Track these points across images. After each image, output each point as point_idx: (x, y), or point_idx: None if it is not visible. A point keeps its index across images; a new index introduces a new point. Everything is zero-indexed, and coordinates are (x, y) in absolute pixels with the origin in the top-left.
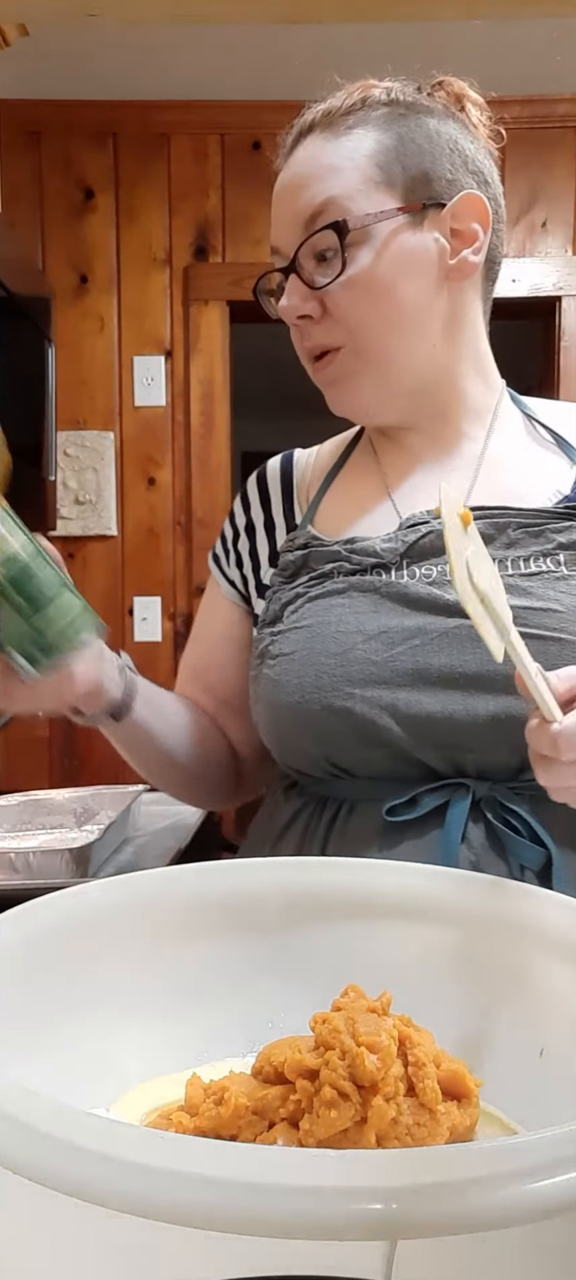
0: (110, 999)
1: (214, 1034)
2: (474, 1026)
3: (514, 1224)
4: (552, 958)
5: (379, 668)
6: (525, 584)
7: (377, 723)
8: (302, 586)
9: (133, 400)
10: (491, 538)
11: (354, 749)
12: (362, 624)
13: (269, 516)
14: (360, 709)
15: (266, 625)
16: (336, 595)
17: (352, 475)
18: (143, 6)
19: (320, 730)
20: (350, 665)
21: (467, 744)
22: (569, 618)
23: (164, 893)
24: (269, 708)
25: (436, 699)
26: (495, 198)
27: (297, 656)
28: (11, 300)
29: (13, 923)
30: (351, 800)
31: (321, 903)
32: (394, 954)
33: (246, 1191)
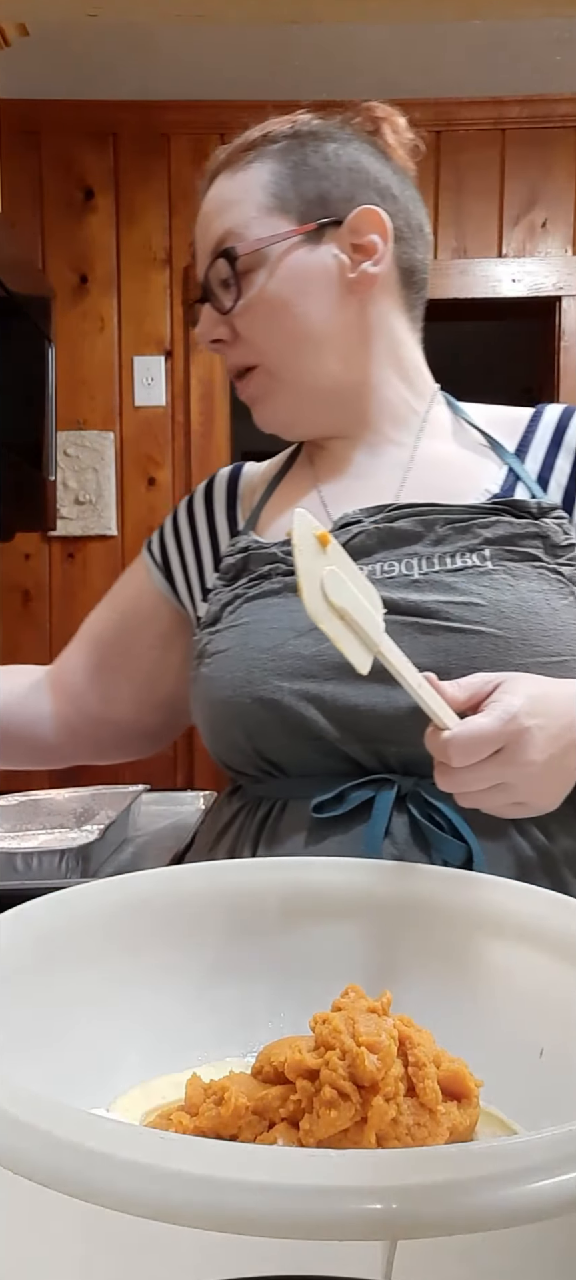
0: (110, 999)
1: (214, 1034)
2: (474, 1026)
3: (514, 1224)
4: (553, 958)
5: (307, 661)
6: (450, 579)
7: (304, 715)
8: (241, 588)
9: (133, 400)
10: (419, 535)
11: (283, 741)
12: (295, 621)
13: (212, 523)
14: (288, 701)
15: (206, 626)
16: (272, 595)
17: (291, 483)
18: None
19: (250, 723)
20: (280, 660)
21: (391, 736)
22: (489, 610)
23: (164, 893)
24: (204, 705)
25: (360, 691)
26: (403, 211)
27: (231, 653)
28: (11, 300)
29: (12, 923)
30: (283, 799)
31: (321, 903)
32: (394, 954)
33: (246, 1191)
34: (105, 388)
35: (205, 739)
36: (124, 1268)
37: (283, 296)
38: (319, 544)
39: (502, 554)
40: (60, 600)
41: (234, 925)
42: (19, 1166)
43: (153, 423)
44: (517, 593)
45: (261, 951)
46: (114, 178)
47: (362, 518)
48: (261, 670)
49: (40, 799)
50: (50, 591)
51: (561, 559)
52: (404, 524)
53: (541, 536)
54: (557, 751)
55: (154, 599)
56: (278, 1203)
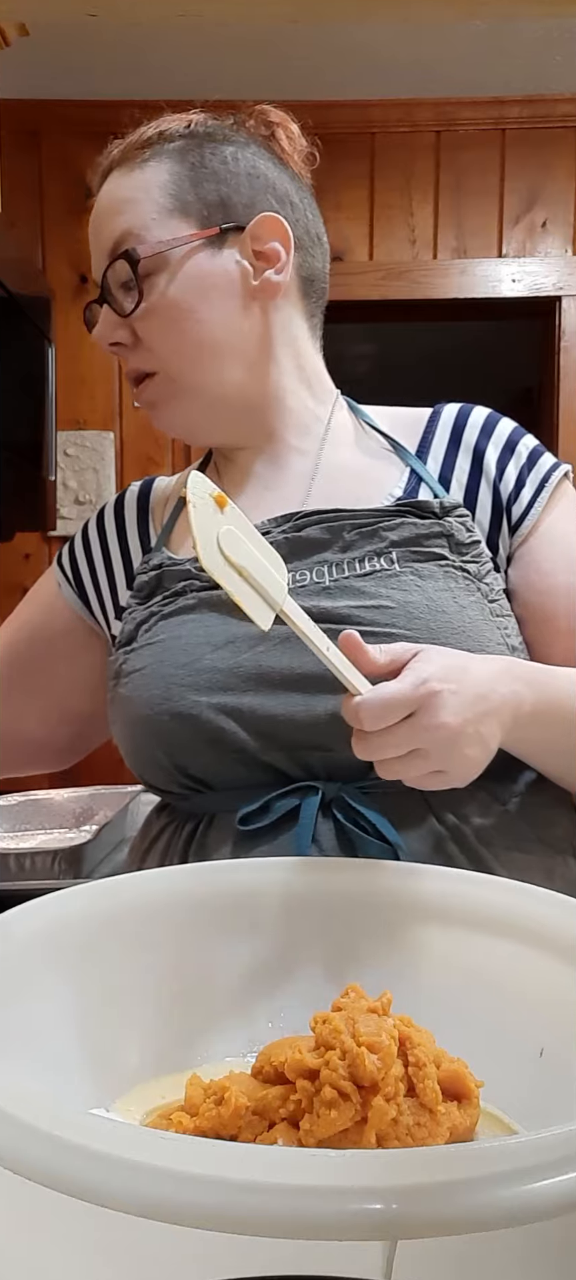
0: (110, 999)
1: (214, 1034)
2: (474, 1026)
3: (514, 1224)
4: (553, 958)
5: (224, 675)
6: (359, 584)
7: (224, 728)
8: (156, 605)
9: (133, 400)
10: (328, 542)
11: (203, 756)
12: (211, 635)
13: (124, 541)
14: (206, 715)
15: (121, 646)
16: (188, 612)
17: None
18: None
19: (169, 739)
20: (198, 675)
21: (311, 743)
22: (399, 612)
23: (164, 893)
24: (123, 725)
25: (278, 700)
26: (302, 219)
27: (148, 671)
28: (11, 300)
29: (12, 923)
30: (210, 813)
31: (321, 903)
32: (395, 954)
33: (246, 1191)
34: (105, 388)
35: (126, 758)
36: (124, 1268)
37: (185, 302)
38: (216, 504)
39: (409, 555)
40: None
41: (234, 925)
42: (19, 1166)
43: None
44: (425, 593)
45: (261, 951)
46: None
47: (271, 527)
48: (179, 686)
49: (40, 799)
50: None
51: (466, 556)
52: (312, 531)
53: (446, 535)
54: (472, 717)
55: (65, 615)
56: (278, 1203)
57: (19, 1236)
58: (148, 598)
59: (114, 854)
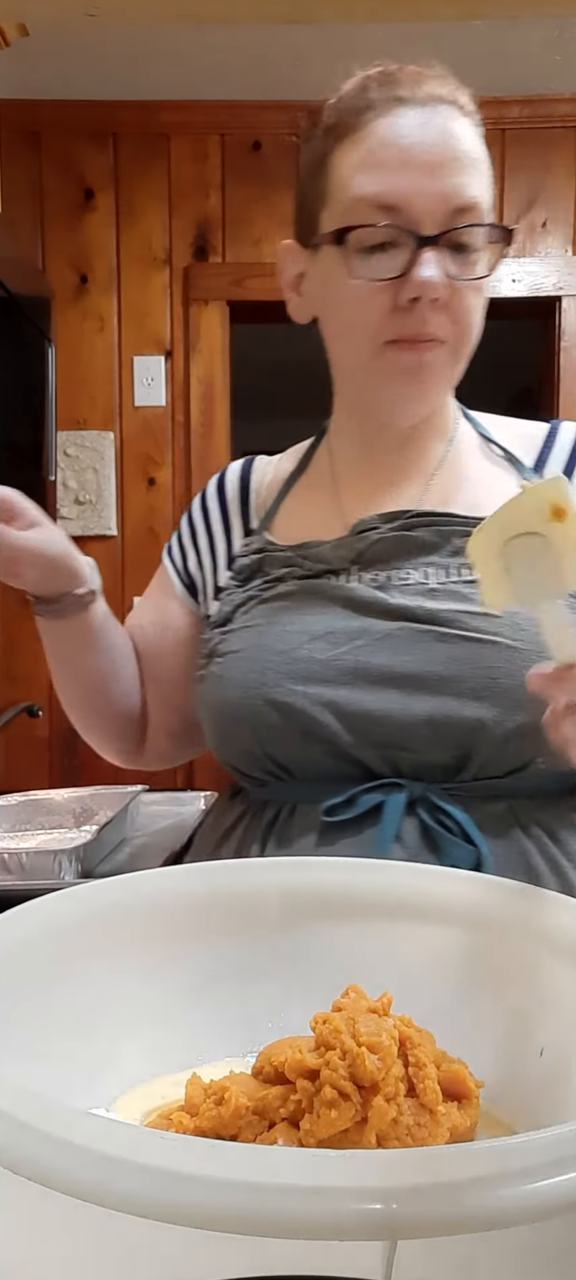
0: (110, 999)
1: (214, 1034)
2: (474, 1027)
3: (514, 1224)
4: (553, 957)
5: (321, 666)
6: (466, 590)
7: (318, 719)
8: (255, 590)
9: (133, 400)
10: (436, 545)
11: (294, 745)
12: (308, 625)
13: (226, 520)
14: (301, 704)
15: (216, 626)
16: (286, 598)
17: (308, 483)
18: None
19: (261, 725)
20: (294, 663)
21: (404, 743)
22: (505, 622)
23: (164, 893)
24: (213, 705)
25: (375, 697)
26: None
27: (244, 654)
28: (11, 300)
29: (11, 923)
30: (291, 802)
31: (321, 903)
32: (394, 954)
33: (246, 1191)
34: (105, 388)
35: (210, 739)
36: (124, 1268)
37: (486, 289)
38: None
39: None
40: None
41: (234, 925)
42: (19, 1166)
43: (153, 423)
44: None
45: (261, 951)
46: (114, 178)
47: (380, 524)
48: (275, 673)
49: (40, 799)
50: None
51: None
52: (421, 533)
53: None
54: None
55: (176, 606)
56: (278, 1202)
57: (19, 1236)
58: (247, 580)
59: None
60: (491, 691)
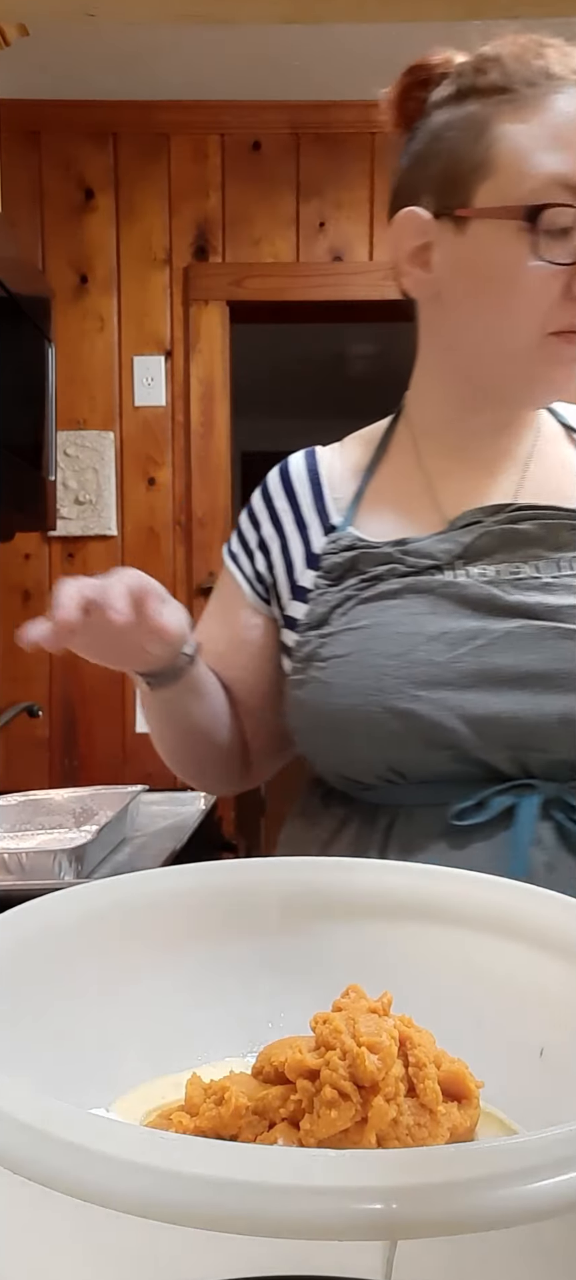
0: (110, 999)
1: (214, 1034)
2: (474, 1027)
3: (514, 1224)
4: (553, 958)
5: (442, 669)
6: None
7: (444, 724)
8: (352, 589)
9: (133, 400)
10: (542, 539)
11: (415, 751)
12: (421, 625)
13: (299, 515)
14: (426, 711)
15: (311, 628)
16: (391, 597)
17: (392, 474)
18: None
19: (380, 734)
20: (413, 666)
21: (535, 744)
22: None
23: (164, 893)
24: (317, 712)
25: (504, 700)
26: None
27: (353, 658)
28: (11, 300)
29: (11, 923)
30: (408, 805)
31: (321, 903)
32: (395, 954)
33: (246, 1191)
34: (105, 388)
35: (308, 746)
36: (124, 1268)
37: None
38: None
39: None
40: None
41: (234, 925)
42: (19, 1166)
43: (153, 423)
44: None
45: (261, 951)
46: (114, 178)
47: (483, 518)
48: (393, 678)
49: (40, 799)
50: (50, 591)
51: None
52: (526, 526)
53: None
54: None
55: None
56: (278, 1203)
57: (19, 1236)
58: (339, 579)
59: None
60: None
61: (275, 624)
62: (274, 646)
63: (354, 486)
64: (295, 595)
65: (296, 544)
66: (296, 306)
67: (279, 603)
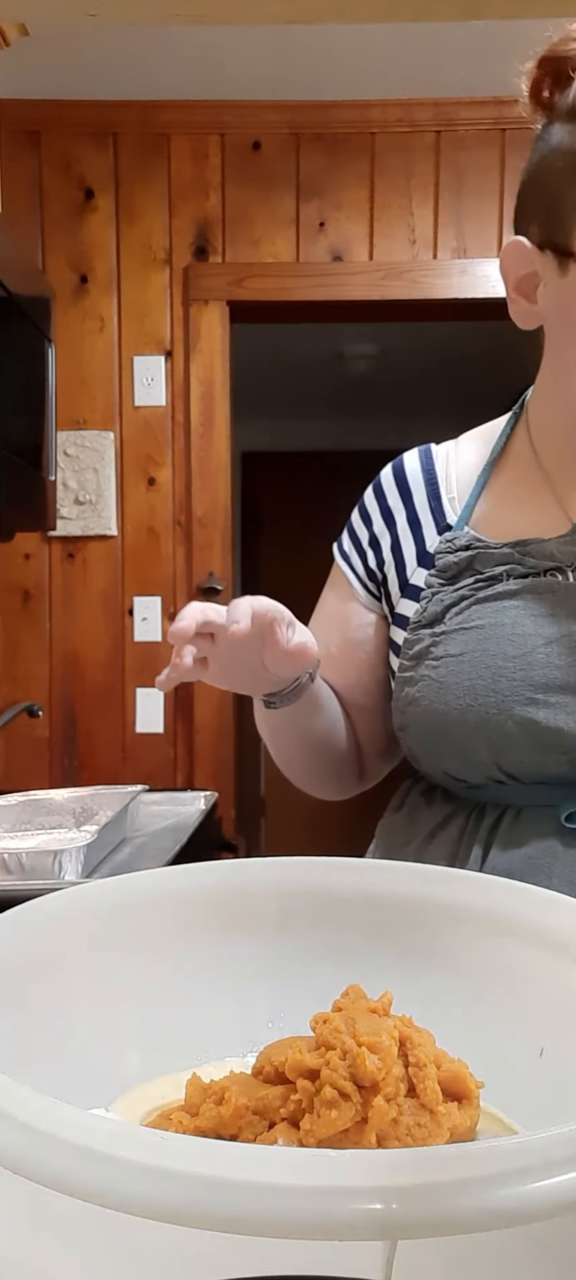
0: (110, 999)
1: (214, 1034)
2: (474, 1027)
3: (514, 1224)
4: (553, 958)
5: (564, 673)
6: None
7: (564, 729)
8: (467, 589)
9: (133, 400)
10: None
11: (530, 754)
12: (541, 627)
13: (412, 513)
14: (544, 715)
15: (423, 626)
16: (509, 598)
17: (511, 475)
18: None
19: (494, 736)
20: (531, 669)
21: None
22: None
23: (164, 893)
24: (428, 712)
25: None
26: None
27: (468, 658)
28: (11, 300)
29: (11, 923)
30: (516, 805)
31: (321, 903)
32: (395, 954)
33: (246, 1191)
34: (105, 388)
35: (418, 743)
36: (124, 1268)
37: None
38: None
39: None
40: (60, 600)
41: (234, 925)
42: (19, 1166)
43: (153, 423)
44: None
45: (261, 951)
46: (114, 178)
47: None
48: (509, 680)
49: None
50: (50, 591)
51: None
52: None
53: None
54: None
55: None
56: (278, 1203)
57: (19, 1236)
58: (455, 579)
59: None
60: None
61: (386, 622)
62: (387, 646)
63: (471, 485)
64: (405, 593)
65: (408, 542)
66: (296, 306)
67: (388, 600)
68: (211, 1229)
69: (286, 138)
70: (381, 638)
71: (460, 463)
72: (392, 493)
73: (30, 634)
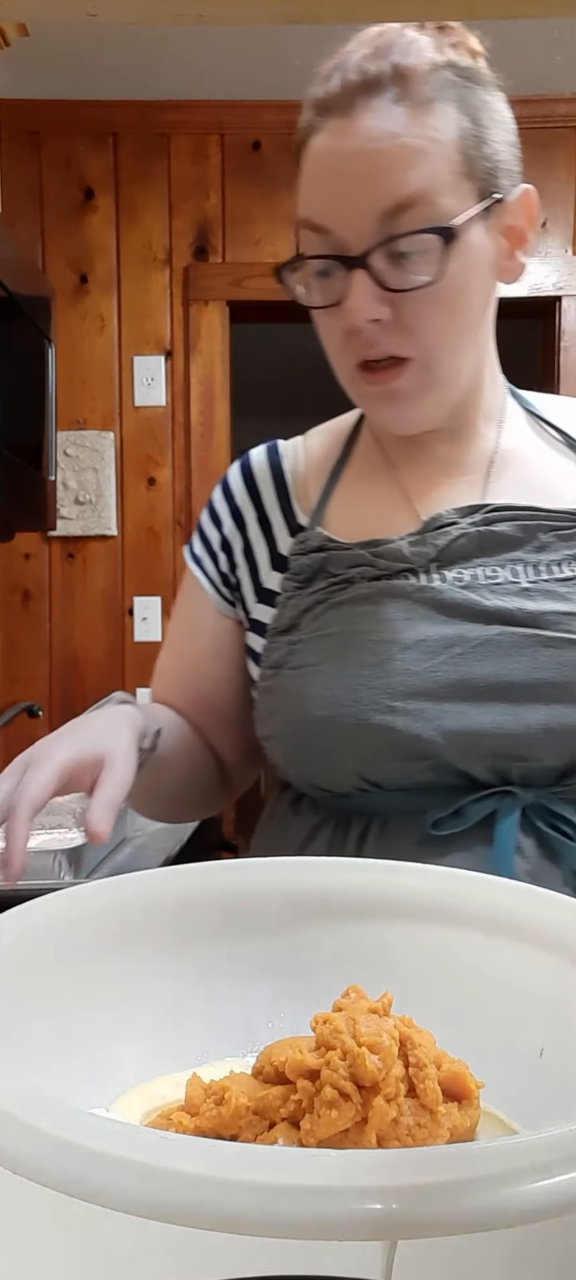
0: (110, 999)
1: (214, 1034)
2: (474, 1027)
3: (514, 1224)
4: (553, 958)
5: (420, 679)
6: (562, 589)
7: (422, 736)
8: (321, 593)
9: (133, 400)
10: (521, 540)
11: (392, 762)
12: (397, 632)
13: (262, 513)
14: (403, 723)
15: (280, 633)
16: (363, 602)
17: (360, 473)
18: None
19: (355, 745)
20: (389, 677)
21: (517, 754)
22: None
23: (163, 893)
24: (290, 721)
25: (485, 712)
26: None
27: (326, 667)
28: (11, 300)
29: (11, 923)
30: (383, 814)
31: (321, 903)
32: (395, 954)
33: (246, 1191)
34: (105, 388)
35: (281, 754)
36: (124, 1268)
37: (465, 286)
38: None
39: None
40: (60, 600)
41: (234, 925)
42: (19, 1166)
43: (153, 423)
44: None
45: (261, 951)
46: (114, 178)
47: (457, 518)
48: (368, 689)
49: None
50: (50, 591)
51: None
52: (504, 528)
53: None
54: None
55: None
56: (278, 1203)
57: (19, 1236)
58: (308, 582)
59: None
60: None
61: (242, 628)
62: (244, 654)
63: (321, 484)
64: (261, 598)
65: (260, 544)
66: (296, 306)
67: (244, 605)
68: (211, 1229)
69: (286, 138)
70: (239, 645)
71: (309, 459)
72: (241, 492)
73: (30, 634)
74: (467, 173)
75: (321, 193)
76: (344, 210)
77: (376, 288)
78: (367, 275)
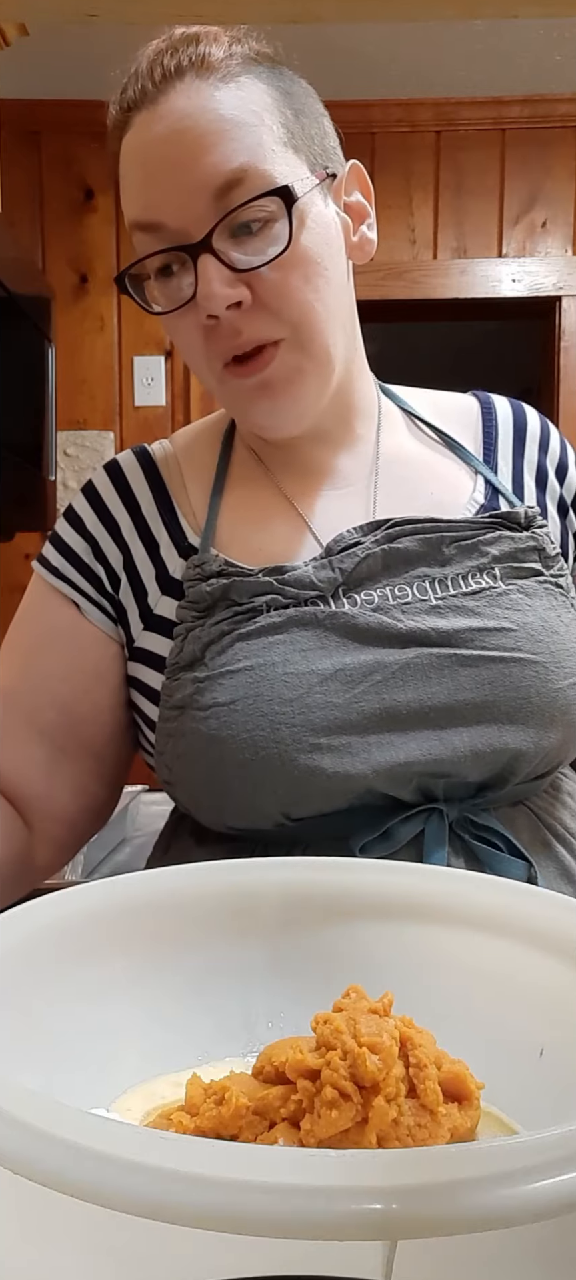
0: (110, 999)
1: (214, 1034)
2: (474, 1027)
3: (514, 1224)
4: (553, 958)
5: (343, 711)
6: (471, 604)
7: (349, 773)
8: (227, 624)
9: (133, 400)
10: (425, 555)
11: (319, 801)
12: (313, 663)
13: (143, 528)
14: (329, 762)
15: (183, 669)
16: (274, 632)
17: (243, 486)
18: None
19: (281, 787)
20: (310, 712)
21: (445, 774)
22: (521, 635)
23: (164, 893)
24: (203, 767)
25: (411, 739)
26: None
27: (241, 706)
28: (11, 300)
29: (10, 923)
30: (304, 841)
31: (322, 903)
32: (395, 954)
33: (246, 1191)
34: (105, 388)
35: (189, 799)
36: (124, 1268)
37: (313, 255)
38: None
39: (509, 572)
40: None
41: (234, 925)
42: (19, 1166)
43: (153, 423)
44: (536, 613)
45: (261, 951)
46: (114, 178)
47: (359, 537)
48: (289, 727)
49: None
50: None
51: (553, 570)
52: (406, 543)
53: (537, 549)
54: None
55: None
56: (278, 1203)
57: (19, 1236)
58: (209, 610)
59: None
60: (526, 713)
61: (124, 653)
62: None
63: (204, 497)
64: (149, 625)
65: (146, 564)
66: None
67: (128, 630)
68: (211, 1229)
69: None
70: (123, 671)
71: (185, 468)
72: (114, 501)
73: None
74: (292, 144)
75: (143, 188)
76: (171, 199)
77: (226, 270)
78: (214, 259)
